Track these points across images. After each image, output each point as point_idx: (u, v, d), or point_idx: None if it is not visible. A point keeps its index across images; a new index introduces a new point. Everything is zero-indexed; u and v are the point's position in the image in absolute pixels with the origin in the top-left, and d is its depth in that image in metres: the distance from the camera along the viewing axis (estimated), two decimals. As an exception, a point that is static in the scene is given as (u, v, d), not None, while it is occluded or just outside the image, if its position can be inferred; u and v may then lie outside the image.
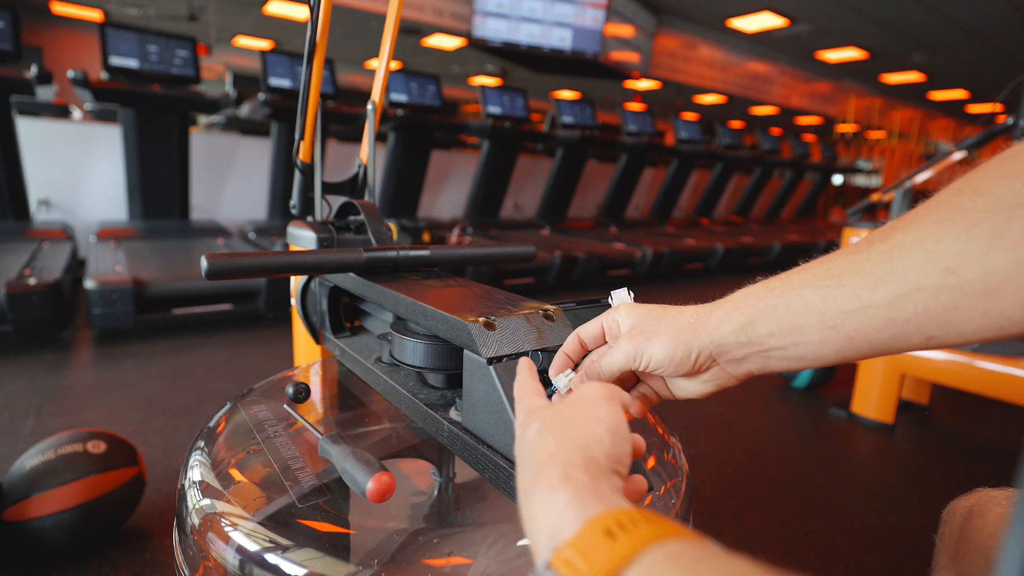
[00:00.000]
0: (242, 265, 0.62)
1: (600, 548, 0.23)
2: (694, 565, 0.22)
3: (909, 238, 0.32)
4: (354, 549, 0.48)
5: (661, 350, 0.41)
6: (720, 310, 0.40)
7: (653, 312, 0.44)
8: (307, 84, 0.95)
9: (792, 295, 0.37)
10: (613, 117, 7.73)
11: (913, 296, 0.32)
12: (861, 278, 0.34)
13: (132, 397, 1.87)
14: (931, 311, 0.32)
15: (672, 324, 0.41)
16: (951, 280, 0.30)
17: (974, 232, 0.30)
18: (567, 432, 0.33)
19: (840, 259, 0.36)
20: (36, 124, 3.69)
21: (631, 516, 0.25)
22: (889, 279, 0.33)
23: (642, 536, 0.23)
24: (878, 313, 0.33)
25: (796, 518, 1.37)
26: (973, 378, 1.67)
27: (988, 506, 0.49)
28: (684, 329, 0.41)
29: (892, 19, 7.19)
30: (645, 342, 0.41)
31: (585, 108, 4.99)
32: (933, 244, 0.31)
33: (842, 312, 0.34)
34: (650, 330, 0.42)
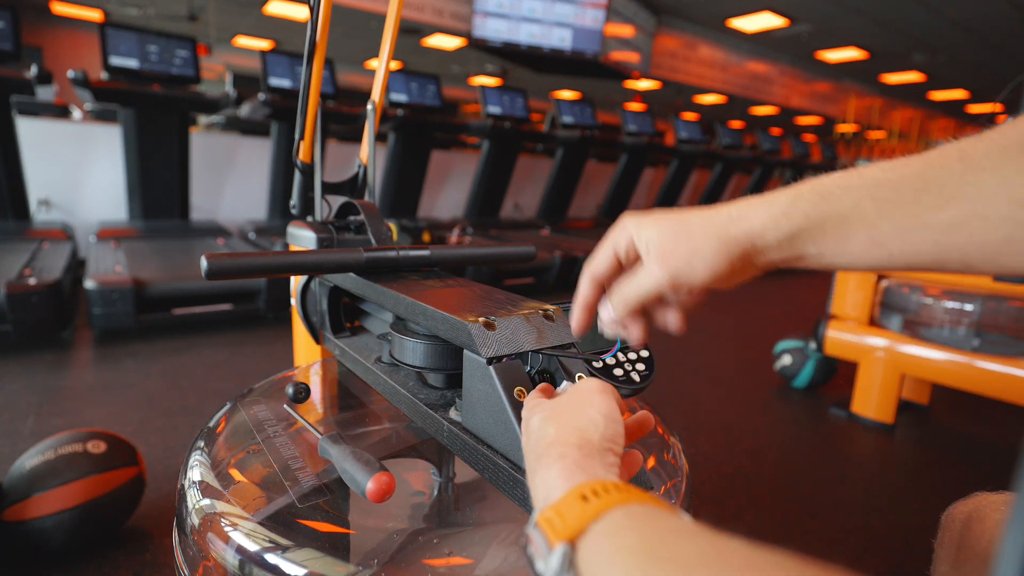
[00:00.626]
0: (242, 265, 0.62)
1: (574, 508, 0.27)
2: (646, 521, 0.26)
3: (989, 162, 0.30)
4: (354, 549, 0.48)
5: (704, 270, 0.37)
6: (764, 214, 0.36)
7: (677, 225, 0.38)
8: (307, 84, 0.95)
9: (847, 206, 0.34)
10: (613, 117, 7.73)
11: (972, 224, 0.31)
12: (927, 196, 0.32)
13: (132, 397, 1.87)
14: (984, 241, 0.31)
15: (707, 235, 0.37)
16: (1017, 213, 0.29)
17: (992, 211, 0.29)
18: (565, 418, 0.36)
19: (907, 171, 0.33)
20: (36, 124, 3.69)
21: (605, 485, 0.29)
22: (954, 202, 0.31)
23: (610, 500, 0.27)
24: (930, 235, 0.32)
25: (796, 518, 1.37)
26: (973, 378, 1.67)
27: (987, 511, 0.49)
28: (721, 240, 0.36)
29: (892, 19, 7.19)
30: (684, 264, 0.37)
31: (585, 108, 4.99)
32: (1013, 173, 0.29)
33: (895, 230, 0.33)
34: (683, 248, 0.37)
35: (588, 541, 0.26)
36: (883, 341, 1.87)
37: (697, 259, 0.37)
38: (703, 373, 2.39)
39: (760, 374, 2.39)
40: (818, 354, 2.14)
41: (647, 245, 0.39)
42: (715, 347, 2.79)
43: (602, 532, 0.26)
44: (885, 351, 1.86)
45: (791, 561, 0.22)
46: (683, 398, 2.09)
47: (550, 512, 0.28)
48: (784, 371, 2.24)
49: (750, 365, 2.52)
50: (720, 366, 2.50)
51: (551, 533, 0.27)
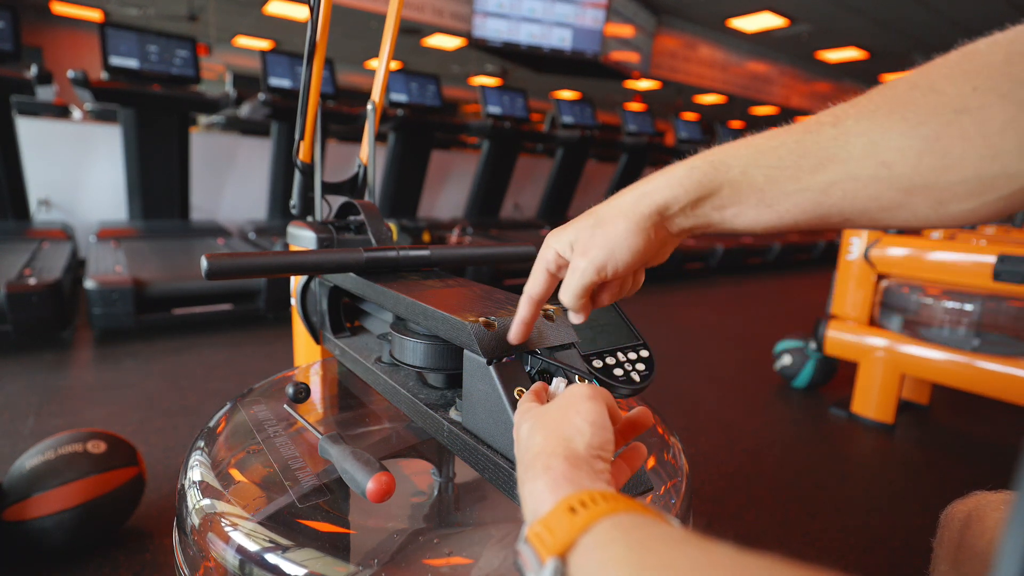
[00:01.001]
0: (242, 265, 0.62)
1: (563, 522, 0.27)
2: (634, 530, 0.26)
3: (858, 127, 0.33)
4: (354, 549, 0.48)
5: (626, 250, 0.40)
6: (664, 189, 0.40)
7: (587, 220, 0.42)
8: (307, 84, 0.95)
9: (736, 173, 0.37)
10: (613, 117, 7.73)
11: (846, 184, 0.34)
12: (805, 161, 0.35)
13: (132, 397, 1.87)
14: (857, 199, 0.34)
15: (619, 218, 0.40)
16: (883, 173, 0.33)
17: (918, 131, 0.31)
18: (552, 427, 0.36)
19: (788, 138, 0.36)
20: (36, 124, 3.69)
21: (593, 496, 0.28)
22: (830, 165, 0.34)
23: (598, 511, 0.27)
24: (811, 196, 0.35)
25: (796, 518, 1.37)
26: (973, 378, 1.67)
27: (987, 511, 0.49)
28: (635, 218, 0.40)
29: (892, 19, 7.19)
30: (606, 252, 0.41)
31: (585, 108, 4.99)
32: (879, 136, 0.33)
33: (781, 192, 0.36)
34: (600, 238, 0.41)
35: (578, 554, 0.26)
36: (883, 341, 1.87)
37: (615, 243, 0.40)
38: (703, 373, 2.38)
39: (760, 374, 2.39)
40: (818, 354, 2.14)
41: (570, 246, 0.43)
42: (715, 347, 2.79)
43: (592, 545, 0.26)
44: (885, 351, 1.86)
45: (782, 566, 0.22)
46: (683, 398, 2.09)
47: (539, 527, 0.28)
48: (784, 371, 2.24)
49: (750, 365, 2.52)
50: (720, 366, 2.50)
51: (541, 548, 0.27)
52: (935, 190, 0.32)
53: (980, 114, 0.30)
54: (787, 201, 0.36)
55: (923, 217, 0.33)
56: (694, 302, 3.86)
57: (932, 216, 0.33)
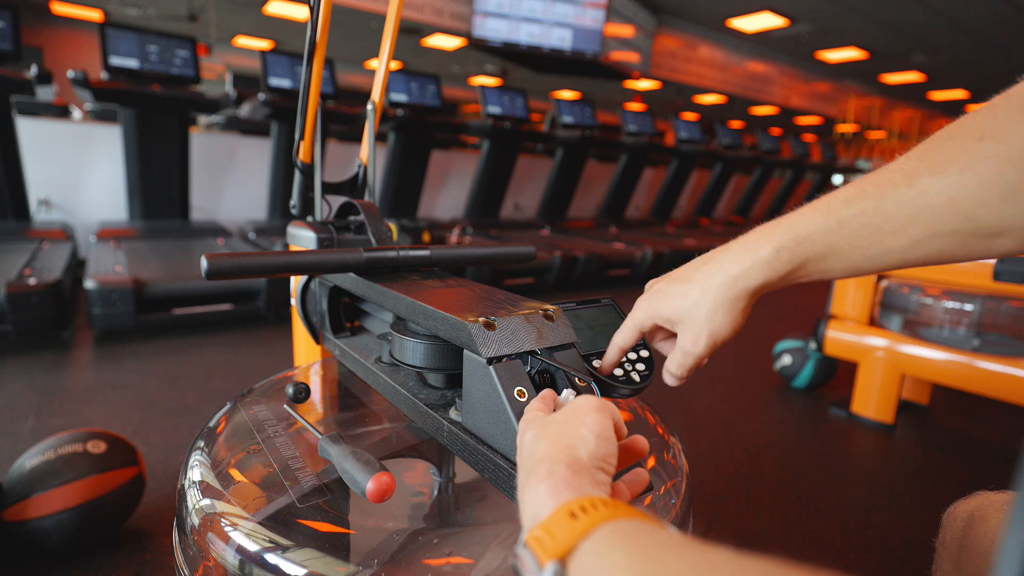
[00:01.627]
0: (242, 265, 0.61)
1: (563, 527, 0.27)
2: (634, 536, 0.26)
3: (934, 187, 0.35)
4: (354, 549, 0.48)
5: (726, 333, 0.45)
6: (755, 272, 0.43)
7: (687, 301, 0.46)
8: (307, 84, 0.95)
9: (822, 247, 0.40)
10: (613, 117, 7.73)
11: (931, 241, 0.36)
12: (887, 226, 0.37)
13: (132, 397, 1.87)
14: (944, 251, 0.36)
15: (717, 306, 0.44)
16: (967, 226, 0.34)
17: (996, 182, 0.33)
18: (557, 435, 0.36)
19: (867, 204, 0.38)
20: (36, 124, 3.69)
21: (593, 502, 0.29)
22: (912, 227, 0.36)
23: (598, 516, 0.27)
24: (896, 255, 0.37)
25: (796, 518, 1.37)
26: (973, 378, 1.67)
27: (990, 511, 0.49)
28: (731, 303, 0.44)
29: (892, 19, 7.19)
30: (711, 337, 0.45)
31: (585, 108, 4.99)
32: (957, 193, 0.34)
33: (865, 257, 0.39)
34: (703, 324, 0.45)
35: (578, 559, 0.26)
36: (883, 341, 1.87)
37: (718, 326, 0.45)
38: (703, 373, 2.39)
39: (760, 374, 2.39)
40: (818, 354, 2.14)
41: (669, 322, 0.48)
42: (715, 347, 2.79)
43: (591, 550, 0.26)
44: (885, 351, 1.86)
45: (782, 568, 0.22)
46: (683, 398, 2.09)
47: (539, 531, 0.28)
48: (784, 371, 2.24)
49: (750, 365, 2.52)
50: (720, 366, 2.50)
51: (541, 552, 0.27)
52: (1021, 230, 0.33)
53: None
54: (871, 263, 0.39)
55: (1008, 250, 0.35)
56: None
57: (1017, 248, 0.35)
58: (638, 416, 0.75)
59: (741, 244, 0.43)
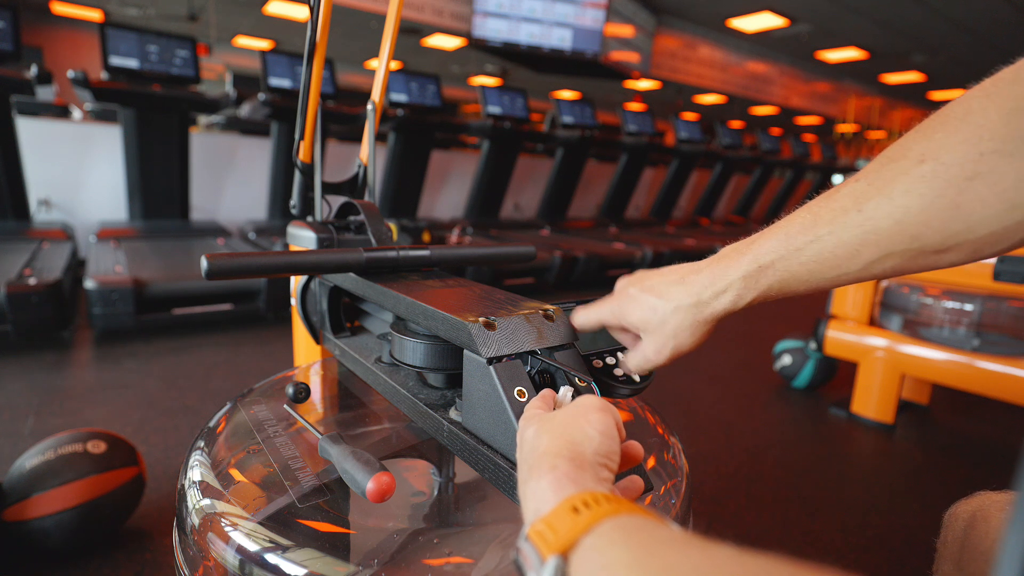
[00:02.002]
0: (242, 265, 0.61)
1: (565, 521, 0.28)
2: (636, 532, 0.26)
3: (881, 211, 0.37)
4: (354, 549, 0.48)
5: (690, 345, 0.47)
6: (726, 298, 0.45)
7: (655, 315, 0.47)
8: (307, 84, 0.95)
9: (781, 271, 0.42)
10: (613, 117, 7.73)
11: (884, 260, 0.38)
12: (841, 250, 0.39)
13: (132, 397, 1.87)
14: (897, 267, 0.38)
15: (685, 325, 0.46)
16: (915, 244, 0.36)
17: (936, 204, 0.35)
18: (560, 431, 0.36)
19: (821, 230, 0.40)
20: (36, 124, 3.69)
21: (596, 497, 0.29)
22: (864, 251, 0.38)
23: (601, 512, 0.28)
24: (851, 276, 0.40)
25: (796, 518, 1.37)
26: (973, 378, 1.67)
27: (992, 511, 0.49)
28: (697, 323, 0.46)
29: (892, 19, 7.19)
30: (675, 349, 0.48)
31: (585, 108, 4.99)
32: (903, 216, 0.36)
33: (824, 279, 0.41)
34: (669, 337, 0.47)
35: (580, 554, 0.26)
36: (883, 341, 1.87)
37: (682, 343, 0.47)
38: (703, 373, 2.38)
39: (760, 374, 2.39)
40: (818, 354, 2.14)
41: (636, 328, 0.50)
42: (715, 347, 2.79)
43: (593, 546, 0.26)
44: (885, 351, 1.86)
45: (784, 565, 0.22)
46: (683, 398, 2.09)
47: (541, 525, 0.28)
48: (784, 371, 2.24)
49: (750, 365, 2.52)
50: (720, 366, 2.50)
51: (543, 546, 0.27)
52: (967, 244, 0.35)
53: (991, 177, 0.33)
54: (828, 283, 0.41)
55: (960, 261, 0.37)
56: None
57: (969, 259, 0.37)
58: (638, 416, 0.75)
59: (712, 270, 0.46)
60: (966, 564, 0.48)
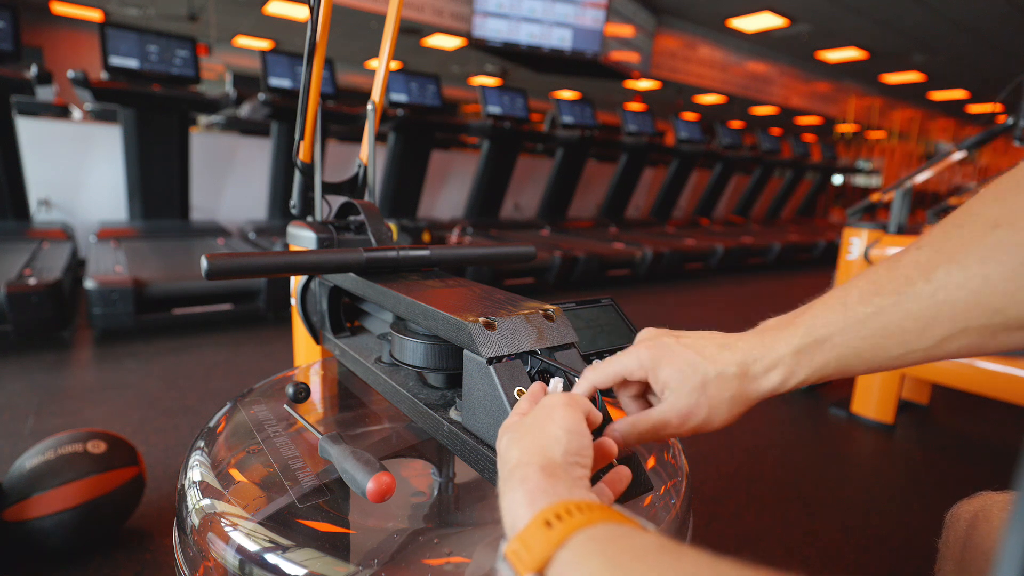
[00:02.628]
0: (242, 265, 0.61)
1: (539, 537, 0.27)
2: (610, 543, 0.26)
3: (953, 280, 0.33)
4: (354, 549, 0.48)
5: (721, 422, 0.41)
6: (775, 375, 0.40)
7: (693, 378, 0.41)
8: (307, 84, 0.95)
9: (843, 350, 0.37)
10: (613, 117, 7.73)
11: (958, 337, 0.33)
12: (910, 324, 0.34)
13: (132, 397, 1.87)
14: (971, 345, 0.34)
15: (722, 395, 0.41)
16: (996, 319, 0.32)
17: (1021, 271, 0.31)
18: (529, 439, 0.35)
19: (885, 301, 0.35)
20: (36, 124, 3.69)
21: (568, 507, 0.28)
22: (935, 325, 0.34)
23: (573, 523, 0.27)
24: (922, 354, 0.35)
25: (796, 518, 1.37)
26: (973, 378, 1.67)
27: (994, 511, 0.49)
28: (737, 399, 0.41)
29: (892, 19, 7.19)
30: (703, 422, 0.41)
31: (585, 108, 4.99)
32: (980, 286, 0.32)
33: (889, 357, 0.36)
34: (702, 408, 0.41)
35: (555, 570, 0.26)
36: (883, 341, 1.87)
37: (715, 417, 0.41)
38: (703, 373, 2.38)
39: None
40: (818, 354, 2.14)
41: (663, 389, 0.42)
42: (715, 347, 2.79)
43: (568, 560, 0.26)
44: (885, 351, 1.86)
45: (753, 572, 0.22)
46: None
47: (516, 544, 0.28)
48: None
49: (750, 365, 2.51)
50: (720, 366, 2.50)
51: (519, 565, 0.27)
52: None
53: None
54: (895, 362, 0.36)
55: None
56: (695, 302, 3.86)
57: None
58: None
59: (756, 340, 0.41)
60: (968, 564, 0.48)
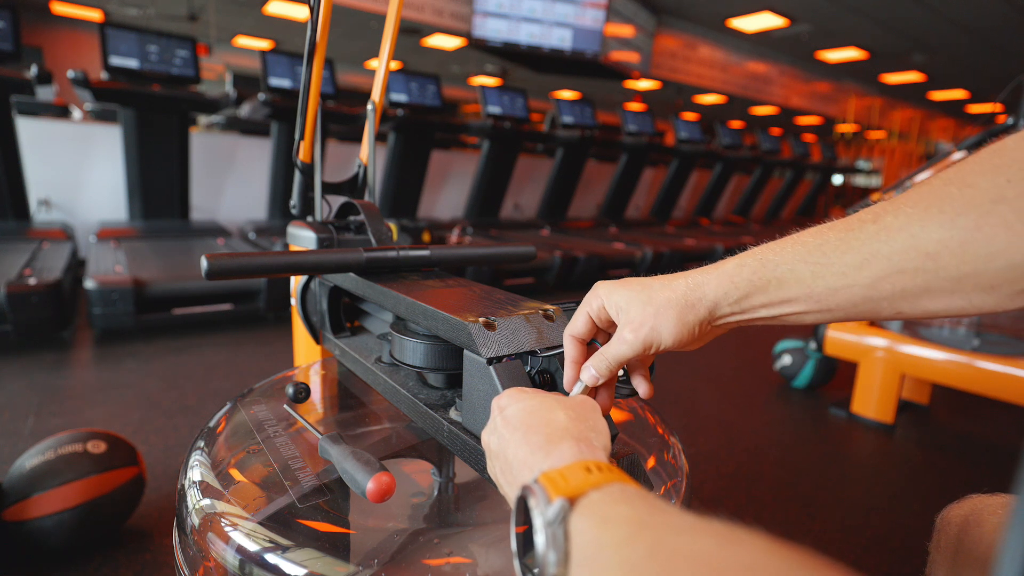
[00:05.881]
0: (242, 265, 0.62)
1: (578, 474, 0.31)
2: (640, 498, 0.29)
3: (897, 222, 0.35)
4: (354, 549, 0.48)
5: (670, 336, 0.43)
6: (716, 283, 0.42)
7: (642, 294, 0.44)
8: (307, 84, 0.95)
9: (784, 269, 0.39)
10: (613, 117, 7.73)
11: (893, 278, 0.35)
12: (850, 257, 0.36)
13: (132, 397, 1.87)
14: (906, 291, 0.35)
15: (669, 304, 0.43)
16: (929, 265, 0.34)
17: (957, 222, 0.32)
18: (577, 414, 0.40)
19: (832, 235, 0.38)
20: (36, 124, 3.68)
21: (610, 467, 0.33)
22: (874, 261, 0.36)
23: (611, 476, 0.31)
24: (860, 291, 0.37)
25: (796, 518, 1.37)
26: (973, 378, 1.67)
27: (985, 515, 0.49)
28: (683, 308, 0.42)
29: (892, 19, 7.19)
30: (652, 332, 0.43)
31: (585, 108, 4.99)
32: (919, 230, 0.34)
33: (828, 288, 0.38)
34: (650, 317, 0.43)
35: (585, 503, 0.29)
36: (883, 341, 1.87)
37: (663, 326, 0.43)
38: (703, 373, 2.38)
39: (760, 374, 2.39)
40: (818, 354, 2.14)
41: (618, 312, 0.45)
42: (715, 347, 2.79)
43: (599, 499, 0.29)
44: (885, 351, 1.86)
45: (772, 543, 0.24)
46: (683, 398, 2.09)
47: (555, 473, 0.31)
48: (784, 371, 2.24)
49: (750, 365, 2.52)
50: (720, 366, 2.50)
51: (551, 489, 0.30)
52: (984, 277, 0.32)
53: (1017, 203, 0.31)
54: (836, 297, 0.38)
55: (979, 304, 0.34)
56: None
57: (989, 302, 0.34)
58: (638, 416, 0.75)
59: (706, 266, 0.44)
60: (960, 568, 0.48)
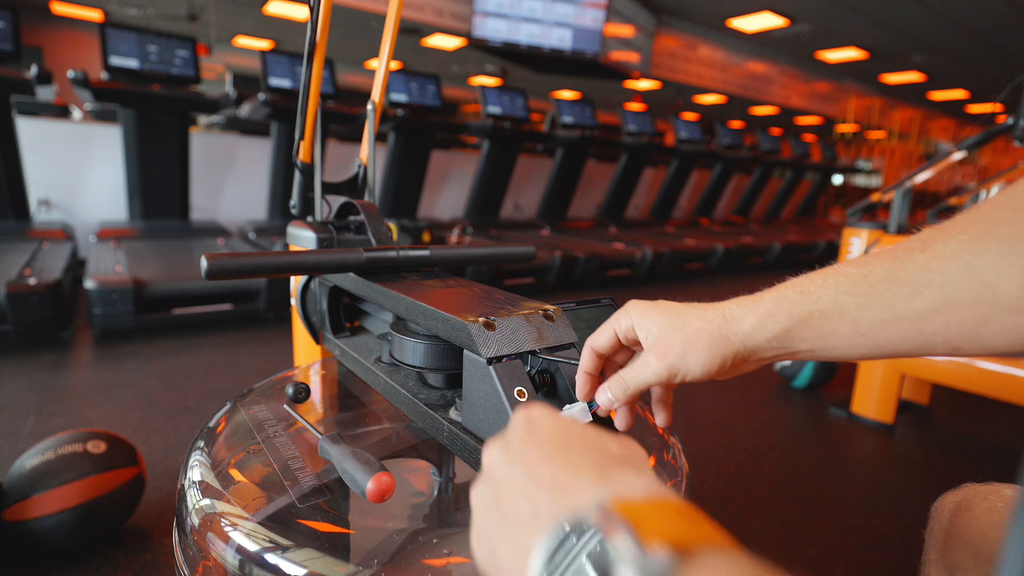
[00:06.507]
0: (242, 265, 0.61)
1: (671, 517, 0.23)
2: None
3: (948, 250, 0.32)
4: (354, 549, 0.48)
5: (697, 367, 0.40)
6: (753, 316, 0.39)
7: (675, 321, 0.41)
8: (307, 84, 0.95)
9: (827, 302, 0.36)
10: (613, 117, 7.73)
11: (947, 309, 0.32)
12: (898, 288, 0.34)
13: (132, 397, 1.87)
14: (962, 324, 0.32)
15: (701, 335, 0.40)
16: (987, 295, 0.31)
17: (1016, 248, 0.30)
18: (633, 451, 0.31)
19: (877, 265, 0.35)
20: (36, 124, 3.69)
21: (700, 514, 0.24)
22: (925, 291, 0.33)
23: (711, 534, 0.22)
24: (910, 324, 0.33)
25: (796, 518, 1.37)
26: (973, 378, 1.67)
27: (975, 500, 0.50)
28: (715, 340, 0.39)
29: (892, 19, 7.19)
30: (679, 360, 0.40)
31: (585, 108, 4.99)
32: (972, 257, 0.31)
33: (876, 321, 0.35)
34: (679, 344, 0.40)
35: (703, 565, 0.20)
36: (883, 341, 1.87)
37: (692, 356, 0.40)
38: (703, 373, 2.38)
39: (760, 374, 2.39)
40: (818, 354, 2.14)
41: (647, 335, 0.42)
42: (715, 347, 2.79)
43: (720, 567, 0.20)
44: (885, 351, 1.86)
45: None
46: (683, 398, 2.09)
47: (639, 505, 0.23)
48: (784, 371, 2.24)
49: (750, 365, 2.51)
50: (720, 366, 2.50)
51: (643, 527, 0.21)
52: None
53: None
54: (884, 330, 0.35)
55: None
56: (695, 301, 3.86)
57: None
58: (638, 416, 0.75)
59: (742, 297, 0.41)
60: (949, 552, 0.49)
